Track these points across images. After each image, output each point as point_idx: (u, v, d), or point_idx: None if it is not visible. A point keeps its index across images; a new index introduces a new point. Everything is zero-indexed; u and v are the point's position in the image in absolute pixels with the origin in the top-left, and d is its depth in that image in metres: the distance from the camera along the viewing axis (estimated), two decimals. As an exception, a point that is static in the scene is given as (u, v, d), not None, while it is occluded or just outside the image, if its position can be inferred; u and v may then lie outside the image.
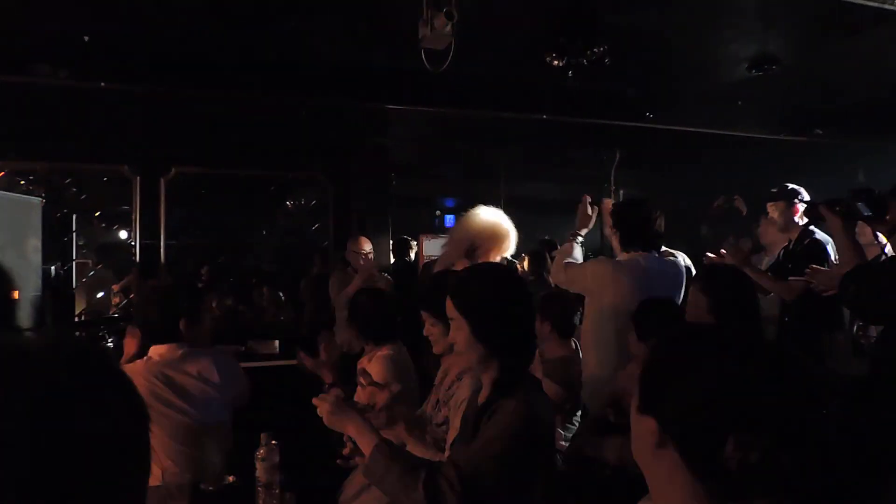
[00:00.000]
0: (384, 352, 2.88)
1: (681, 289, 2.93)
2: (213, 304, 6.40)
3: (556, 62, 3.40)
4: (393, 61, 4.03)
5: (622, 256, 2.98)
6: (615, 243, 3.02)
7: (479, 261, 3.28)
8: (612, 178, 6.13)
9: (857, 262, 2.15)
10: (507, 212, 6.27)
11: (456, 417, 2.14)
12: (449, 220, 10.03)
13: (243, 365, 4.84)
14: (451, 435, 1.97)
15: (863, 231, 2.84)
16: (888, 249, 2.65)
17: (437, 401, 2.32)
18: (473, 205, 3.29)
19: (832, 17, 3.55)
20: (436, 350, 2.34)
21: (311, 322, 6.19)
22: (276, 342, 5.23)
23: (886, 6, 3.31)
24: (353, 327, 3.06)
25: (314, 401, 1.69)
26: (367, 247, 4.65)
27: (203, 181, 5.89)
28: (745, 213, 4.83)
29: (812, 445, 0.87)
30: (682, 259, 3.24)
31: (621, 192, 6.24)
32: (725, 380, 0.86)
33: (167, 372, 2.32)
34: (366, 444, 1.56)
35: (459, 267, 3.31)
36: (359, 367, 3.01)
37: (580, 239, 3.18)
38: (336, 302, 4.44)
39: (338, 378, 2.76)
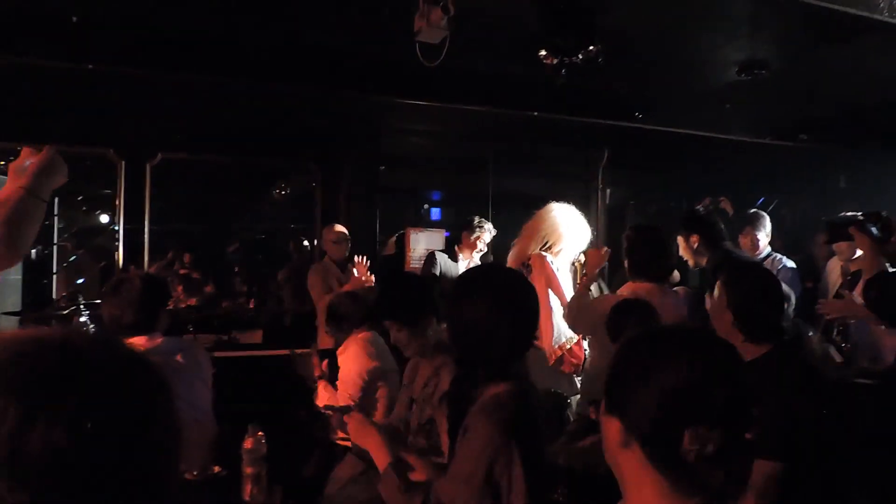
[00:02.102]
0: (361, 335, 2.96)
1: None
2: (195, 292, 6.36)
3: (549, 60, 3.40)
4: (386, 52, 4.01)
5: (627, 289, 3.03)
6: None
7: (555, 255, 3.60)
8: (600, 177, 6.16)
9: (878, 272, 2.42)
10: (494, 206, 6.28)
11: (441, 414, 2.17)
12: (435, 212, 10.01)
13: (227, 355, 4.87)
14: (444, 434, 2.00)
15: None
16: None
17: (411, 400, 2.33)
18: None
19: (821, 24, 3.59)
20: (407, 354, 2.39)
21: (292, 312, 6.19)
22: (260, 332, 5.21)
23: (875, 16, 3.36)
24: (329, 327, 3.12)
25: (345, 418, 1.94)
26: (343, 231, 4.64)
27: (190, 167, 5.84)
28: (731, 214, 4.92)
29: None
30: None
31: (608, 190, 6.28)
32: (680, 378, 0.92)
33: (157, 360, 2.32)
34: (381, 461, 1.73)
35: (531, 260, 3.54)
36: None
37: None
38: (319, 303, 4.42)
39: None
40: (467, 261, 4.69)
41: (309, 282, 4.59)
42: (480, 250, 4.67)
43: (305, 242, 6.34)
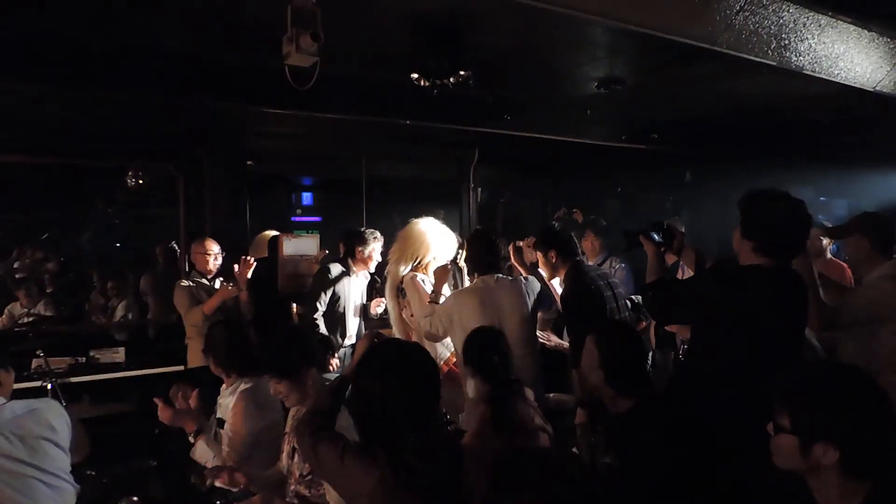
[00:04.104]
0: (242, 387, 2.79)
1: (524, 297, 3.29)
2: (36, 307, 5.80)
3: (422, 82, 3.43)
4: (253, 61, 3.85)
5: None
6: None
7: (427, 268, 3.85)
8: (472, 177, 6.32)
9: (658, 277, 2.63)
10: (369, 202, 6.24)
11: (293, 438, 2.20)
12: (306, 197, 9.77)
13: (85, 379, 4.51)
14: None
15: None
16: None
17: (294, 449, 2.32)
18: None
19: (669, 51, 3.88)
20: (289, 404, 2.36)
21: (156, 324, 5.82)
22: (122, 350, 4.86)
23: (714, 48, 3.70)
24: (208, 358, 2.96)
25: None
26: (215, 248, 4.42)
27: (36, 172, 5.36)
28: (581, 222, 5.46)
29: None
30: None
31: (479, 190, 6.46)
32: None
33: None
34: None
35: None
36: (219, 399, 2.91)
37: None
38: (187, 317, 4.20)
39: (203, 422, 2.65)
40: (363, 272, 4.59)
41: (175, 297, 4.32)
42: (376, 261, 4.50)
43: (174, 244, 5.96)
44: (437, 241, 3.93)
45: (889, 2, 3.93)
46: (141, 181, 7.20)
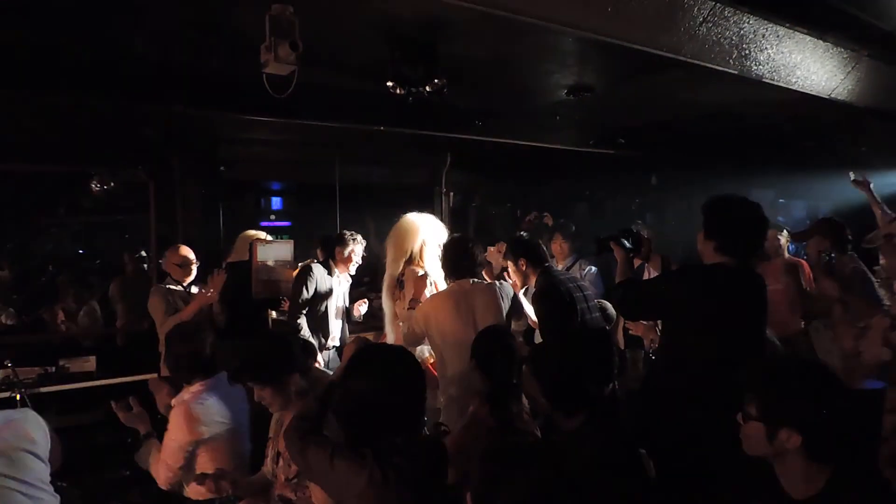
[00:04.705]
0: (187, 395, 2.72)
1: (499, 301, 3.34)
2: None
3: (397, 90, 3.48)
4: (229, 68, 3.87)
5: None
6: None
7: (423, 261, 3.83)
8: (444, 181, 6.39)
9: (627, 277, 2.83)
10: (342, 207, 6.25)
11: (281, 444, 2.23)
12: (272, 202, 9.70)
13: (55, 389, 4.43)
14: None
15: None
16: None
17: (279, 454, 2.35)
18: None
19: (636, 60, 4.00)
20: (272, 410, 2.38)
21: (127, 331, 5.74)
22: (93, 358, 4.79)
23: (679, 57, 3.83)
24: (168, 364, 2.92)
25: None
26: (191, 255, 4.39)
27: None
28: (551, 226, 5.59)
29: None
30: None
31: (451, 194, 6.53)
32: None
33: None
34: None
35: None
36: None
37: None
38: (164, 325, 4.16)
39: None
40: (344, 274, 4.62)
41: (151, 304, 4.29)
42: (356, 263, 4.56)
43: (143, 253, 5.89)
44: (427, 228, 3.94)
45: (843, 14, 4.12)
46: (106, 186, 7.07)
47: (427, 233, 3.89)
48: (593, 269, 5.06)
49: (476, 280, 3.40)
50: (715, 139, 6.58)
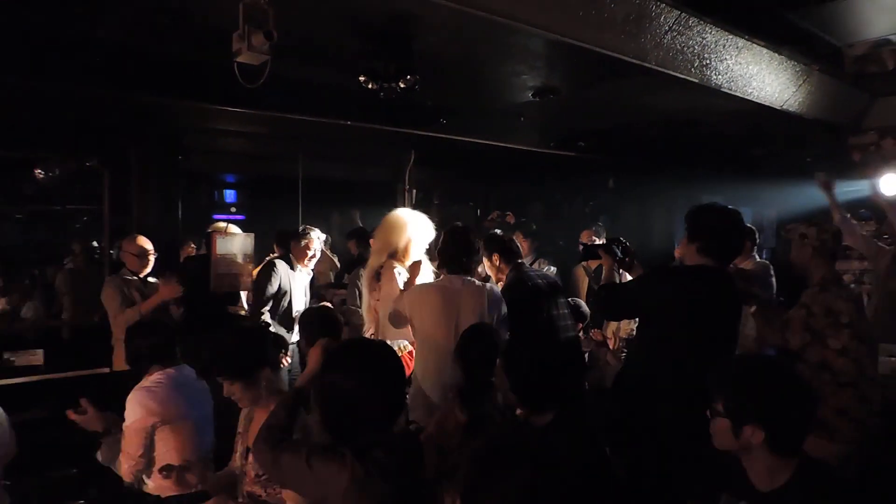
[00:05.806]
0: (146, 381, 2.72)
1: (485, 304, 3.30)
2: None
3: (370, 85, 3.47)
4: (194, 56, 3.77)
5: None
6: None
7: (407, 256, 3.77)
8: (407, 178, 6.38)
9: (611, 281, 3.03)
10: (306, 196, 6.17)
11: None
12: (229, 194, 9.50)
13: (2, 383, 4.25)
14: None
15: None
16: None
17: (248, 450, 2.31)
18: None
19: (603, 65, 4.09)
20: (242, 406, 2.35)
21: (74, 324, 5.53)
22: (40, 352, 4.60)
23: (645, 64, 3.93)
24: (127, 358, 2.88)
25: None
26: (149, 246, 4.28)
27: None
28: (512, 223, 5.67)
29: None
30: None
31: (414, 191, 6.53)
32: None
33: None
34: None
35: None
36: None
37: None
38: (120, 317, 4.04)
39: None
40: (305, 269, 4.57)
41: (105, 295, 4.16)
42: (313, 256, 4.56)
43: (95, 244, 5.68)
44: (415, 226, 3.89)
45: (797, 28, 4.31)
46: (51, 174, 6.78)
47: (415, 231, 3.84)
48: (552, 268, 5.15)
49: (468, 279, 3.34)
50: (669, 144, 6.77)
